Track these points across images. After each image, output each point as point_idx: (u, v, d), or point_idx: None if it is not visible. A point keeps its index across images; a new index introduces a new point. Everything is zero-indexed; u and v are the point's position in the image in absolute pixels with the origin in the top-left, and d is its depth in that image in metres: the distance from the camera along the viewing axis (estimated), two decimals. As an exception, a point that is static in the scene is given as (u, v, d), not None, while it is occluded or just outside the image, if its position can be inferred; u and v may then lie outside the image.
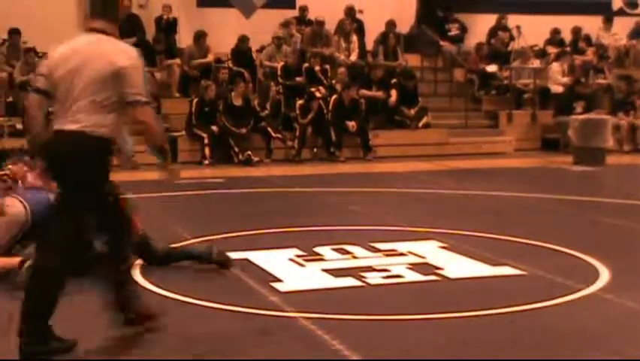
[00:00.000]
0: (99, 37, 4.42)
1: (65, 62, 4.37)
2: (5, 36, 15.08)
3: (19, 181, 6.45)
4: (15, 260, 5.91)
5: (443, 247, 7.13)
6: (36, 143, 4.57)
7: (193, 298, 5.48)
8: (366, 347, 4.59)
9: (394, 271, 6.29)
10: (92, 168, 4.37)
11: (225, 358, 4.53)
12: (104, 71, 4.30)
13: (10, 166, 6.71)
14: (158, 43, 16.02)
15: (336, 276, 6.12)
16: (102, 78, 4.30)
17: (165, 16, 16.30)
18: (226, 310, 5.08)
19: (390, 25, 17.34)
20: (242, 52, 15.96)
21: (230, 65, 15.89)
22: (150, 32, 16.24)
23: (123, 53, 4.39)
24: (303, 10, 17.58)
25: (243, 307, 5.27)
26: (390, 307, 5.44)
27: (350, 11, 17.36)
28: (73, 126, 4.31)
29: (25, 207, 6.07)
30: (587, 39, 19.19)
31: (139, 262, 6.22)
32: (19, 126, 13.49)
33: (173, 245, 6.73)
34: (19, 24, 14.92)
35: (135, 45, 15.27)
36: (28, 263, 5.78)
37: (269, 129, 14.49)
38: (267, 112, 14.84)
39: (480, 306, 5.32)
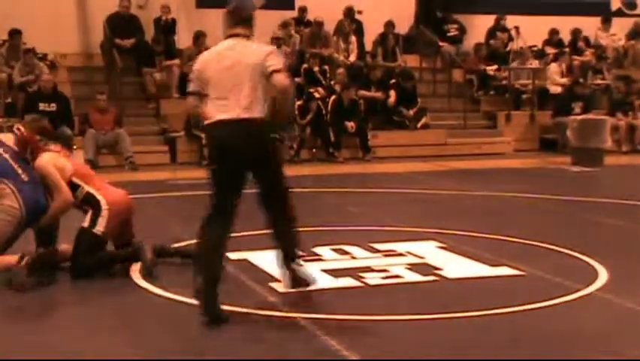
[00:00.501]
0: (242, 40, 5.20)
1: (216, 62, 5.16)
2: (5, 37, 15.04)
3: (29, 150, 6.24)
4: (13, 257, 5.85)
5: (442, 248, 7.13)
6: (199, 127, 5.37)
7: (192, 297, 5.47)
8: (364, 347, 4.59)
9: (393, 271, 6.29)
10: (264, 147, 5.11)
11: (224, 358, 4.53)
12: (256, 62, 5.03)
13: (23, 126, 6.42)
14: (157, 44, 16.01)
15: (335, 276, 6.12)
16: (255, 69, 5.02)
17: (164, 17, 16.29)
18: (225, 310, 5.08)
19: (389, 25, 17.35)
20: (241, 52, 15.94)
21: (229, 65, 15.86)
22: (149, 33, 16.23)
23: (266, 47, 5.25)
24: (302, 10, 17.57)
25: (241, 307, 5.27)
26: (389, 307, 5.44)
27: (349, 12, 17.35)
28: (239, 115, 4.99)
29: (20, 206, 5.99)
30: (586, 40, 19.21)
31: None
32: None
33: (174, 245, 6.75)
34: (19, 24, 14.88)
35: (134, 46, 15.58)
36: (26, 259, 5.74)
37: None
38: (265, 112, 14.82)
39: (479, 306, 5.32)
